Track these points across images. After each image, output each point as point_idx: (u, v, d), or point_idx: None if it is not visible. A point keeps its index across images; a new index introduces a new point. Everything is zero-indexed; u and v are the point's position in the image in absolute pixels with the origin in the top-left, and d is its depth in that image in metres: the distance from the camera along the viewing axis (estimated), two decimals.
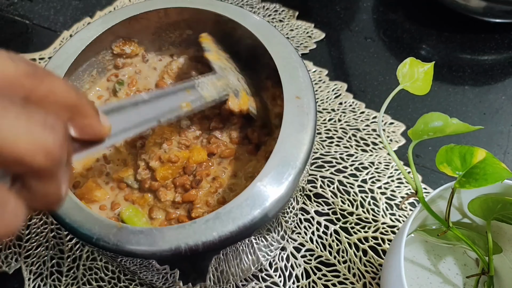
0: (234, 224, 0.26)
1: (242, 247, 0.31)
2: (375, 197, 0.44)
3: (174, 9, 0.35)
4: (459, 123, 0.28)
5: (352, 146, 0.47)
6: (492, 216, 0.33)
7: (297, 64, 0.31)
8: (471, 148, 0.30)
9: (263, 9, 0.60)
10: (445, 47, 0.55)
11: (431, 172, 0.45)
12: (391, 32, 0.57)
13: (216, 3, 0.34)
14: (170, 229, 0.26)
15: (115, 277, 0.41)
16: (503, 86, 0.51)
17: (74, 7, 0.62)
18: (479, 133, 0.47)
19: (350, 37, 0.57)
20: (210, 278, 0.34)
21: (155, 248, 0.25)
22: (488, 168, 0.29)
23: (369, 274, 0.40)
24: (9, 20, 0.61)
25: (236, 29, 0.34)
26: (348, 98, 0.51)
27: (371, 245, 0.41)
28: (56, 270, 0.41)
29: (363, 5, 0.60)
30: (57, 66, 0.32)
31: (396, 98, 0.49)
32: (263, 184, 0.27)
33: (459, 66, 0.53)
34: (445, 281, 0.37)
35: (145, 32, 0.37)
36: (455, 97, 0.50)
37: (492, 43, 0.55)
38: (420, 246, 0.38)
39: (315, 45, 0.56)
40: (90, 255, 0.42)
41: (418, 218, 0.36)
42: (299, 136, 0.28)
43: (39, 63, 0.56)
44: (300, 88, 0.30)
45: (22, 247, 0.43)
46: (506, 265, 0.37)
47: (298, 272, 0.41)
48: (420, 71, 0.31)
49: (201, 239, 0.25)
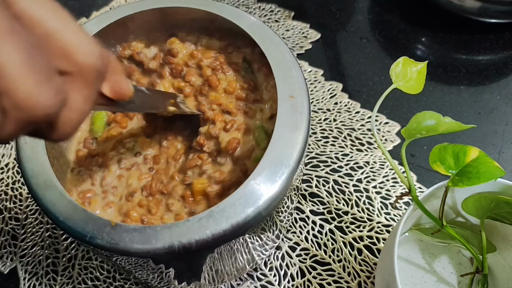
0: (227, 222, 0.26)
1: (237, 246, 0.31)
2: (370, 197, 0.44)
3: (170, 9, 0.35)
4: (451, 121, 0.28)
5: (347, 146, 0.47)
6: (486, 215, 0.33)
7: (291, 63, 0.31)
8: (464, 147, 0.30)
9: (259, 9, 0.60)
10: (440, 47, 0.55)
11: (426, 172, 0.45)
12: (386, 32, 0.57)
13: (212, 3, 0.34)
14: (163, 227, 0.26)
15: (110, 276, 0.41)
16: (497, 86, 0.51)
17: (70, 7, 0.62)
18: (474, 132, 0.48)
19: (345, 38, 0.57)
20: (205, 277, 0.34)
21: (149, 246, 0.25)
22: (481, 167, 0.29)
23: (364, 273, 0.40)
24: None
25: (231, 29, 0.35)
26: (343, 98, 0.51)
27: (366, 244, 0.41)
28: (52, 270, 0.41)
29: (358, 5, 0.60)
30: None
31: (391, 98, 0.50)
32: (256, 182, 0.27)
33: (454, 66, 0.53)
34: (440, 280, 0.37)
35: (140, 31, 0.37)
36: (450, 96, 0.51)
37: (487, 43, 0.55)
38: (415, 245, 0.39)
39: (310, 45, 0.56)
40: (85, 254, 0.42)
41: (412, 217, 0.36)
42: (292, 135, 0.28)
43: None
44: (294, 88, 0.30)
45: (18, 246, 0.43)
46: (500, 264, 0.37)
47: (293, 271, 0.41)
48: (413, 71, 0.31)
49: (194, 237, 0.25)
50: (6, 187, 0.47)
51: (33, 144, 0.29)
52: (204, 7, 0.34)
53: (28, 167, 0.28)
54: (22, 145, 0.29)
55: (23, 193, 0.46)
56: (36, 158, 0.28)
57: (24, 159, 0.28)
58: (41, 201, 0.27)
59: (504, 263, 0.37)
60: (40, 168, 0.28)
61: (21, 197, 0.46)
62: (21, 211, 0.45)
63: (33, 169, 0.28)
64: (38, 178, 0.28)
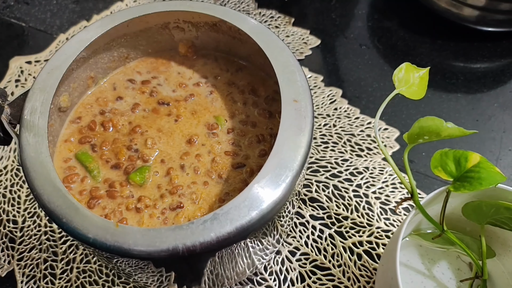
0: (231, 225, 0.26)
1: (238, 251, 0.31)
2: (369, 202, 0.44)
3: (174, 13, 0.35)
4: (454, 127, 0.29)
5: (347, 151, 0.48)
6: (486, 220, 0.33)
7: (294, 68, 0.32)
8: (465, 153, 0.31)
9: (259, 15, 0.60)
10: (438, 55, 0.56)
11: (424, 178, 0.46)
12: (385, 39, 0.57)
13: (216, 8, 0.34)
14: (167, 229, 0.26)
15: (109, 280, 0.41)
16: (495, 93, 0.52)
17: (71, 11, 0.62)
18: (472, 139, 0.48)
19: (345, 44, 0.57)
20: (205, 281, 0.34)
21: (153, 248, 0.25)
22: (483, 172, 0.29)
23: (364, 278, 0.40)
24: (5, 23, 0.61)
25: (235, 34, 0.35)
26: (343, 103, 0.51)
27: (365, 249, 0.42)
28: (50, 273, 0.41)
29: (358, 12, 0.61)
30: (56, 67, 0.32)
31: (390, 104, 0.50)
32: (260, 185, 0.27)
33: (452, 73, 0.54)
34: (439, 285, 0.37)
35: (144, 34, 0.37)
36: (449, 103, 0.51)
37: (485, 51, 0.55)
38: (414, 250, 0.39)
39: (310, 51, 0.56)
40: (84, 257, 0.42)
41: (412, 222, 0.36)
42: (297, 138, 0.28)
43: (34, 65, 0.56)
44: (298, 92, 0.30)
45: (15, 249, 0.42)
46: (499, 269, 0.37)
47: (293, 276, 0.41)
48: (416, 76, 0.32)
49: (199, 239, 0.25)
50: (5, 189, 0.46)
51: (36, 145, 0.29)
52: (209, 11, 0.34)
53: (31, 168, 0.28)
54: (25, 146, 0.29)
55: (21, 195, 0.46)
56: (39, 159, 0.28)
57: (27, 160, 0.28)
58: (43, 202, 0.27)
59: (503, 268, 0.37)
60: (43, 169, 0.28)
61: (20, 199, 0.46)
62: (19, 214, 0.45)
63: (36, 170, 0.28)
64: (41, 179, 0.27)
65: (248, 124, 0.35)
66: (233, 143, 0.34)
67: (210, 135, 0.34)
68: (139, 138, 0.34)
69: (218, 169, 0.33)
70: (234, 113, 0.35)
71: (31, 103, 0.30)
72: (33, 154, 0.28)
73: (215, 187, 0.32)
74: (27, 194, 0.46)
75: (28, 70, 0.56)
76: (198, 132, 0.34)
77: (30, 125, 0.29)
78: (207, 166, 0.33)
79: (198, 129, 0.35)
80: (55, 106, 0.33)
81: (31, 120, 0.30)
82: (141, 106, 0.36)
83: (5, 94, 0.30)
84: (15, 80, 0.55)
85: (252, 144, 0.34)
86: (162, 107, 0.36)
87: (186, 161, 0.33)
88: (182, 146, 0.34)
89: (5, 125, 0.30)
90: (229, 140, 0.34)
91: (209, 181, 0.32)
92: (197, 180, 0.32)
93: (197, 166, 0.33)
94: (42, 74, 0.31)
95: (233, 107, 0.36)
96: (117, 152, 0.33)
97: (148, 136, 0.34)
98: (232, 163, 0.33)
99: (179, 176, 0.32)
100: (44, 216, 0.44)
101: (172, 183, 0.32)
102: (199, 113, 0.36)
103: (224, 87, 0.37)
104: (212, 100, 0.36)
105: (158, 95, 0.37)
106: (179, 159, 0.33)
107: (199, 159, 0.33)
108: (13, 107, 0.31)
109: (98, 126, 0.35)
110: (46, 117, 0.30)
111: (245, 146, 0.34)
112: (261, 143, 0.34)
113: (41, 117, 0.30)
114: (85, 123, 0.35)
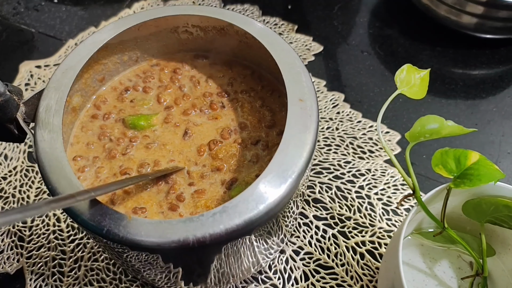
0: (240, 218, 0.27)
1: (243, 249, 0.32)
2: (371, 203, 0.45)
3: (183, 17, 0.37)
4: (454, 125, 0.30)
5: (349, 154, 0.49)
6: (486, 218, 0.34)
7: (300, 69, 0.33)
8: (465, 151, 0.32)
9: (263, 22, 0.62)
10: (438, 61, 0.57)
11: (425, 179, 0.47)
12: (386, 46, 0.59)
13: (224, 12, 0.36)
14: (179, 221, 0.26)
15: (116, 278, 0.41)
16: (494, 98, 0.53)
17: (80, 17, 0.63)
18: (472, 142, 0.49)
19: (347, 50, 0.59)
20: (211, 278, 0.35)
21: (164, 239, 0.26)
22: (482, 169, 0.30)
23: (366, 277, 0.41)
24: (15, 29, 0.62)
25: (242, 37, 0.36)
26: (345, 108, 0.52)
27: (368, 249, 0.42)
28: (58, 271, 0.42)
29: (359, 20, 0.62)
30: (70, 67, 0.33)
31: (391, 108, 0.51)
32: (268, 180, 0.28)
33: (451, 79, 0.55)
34: (440, 284, 0.38)
35: (154, 38, 0.38)
36: (448, 108, 0.52)
37: (483, 58, 0.57)
38: (416, 250, 0.40)
39: (313, 57, 0.58)
40: (91, 256, 0.42)
41: (414, 221, 0.37)
42: (302, 136, 0.30)
43: (44, 69, 0.57)
44: (303, 92, 0.32)
45: (24, 248, 0.43)
46: (499, 268, 0.38)
47: (297, 275, 0.41)
48: (417, 77, 0.33)
49: (209, 231, 0.26)
50: (14, 189, 0.47)
51: (51, 141, 0.30)
52: (217, 15, 0.36)
53: (46, 163, 0.29)
54: (40, 142, 0.30)
55: (30, 195, 0.47)
56: (54, 155, 0.29)
57: (42, 156, 0.29)
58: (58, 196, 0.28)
59: (503, 267, 0.38)
60: (58, 164, 0.29)
61: (29, 199, 0.46)
62: None
63: (51, 165, 0.29)
64: (55, 174, 0.28)
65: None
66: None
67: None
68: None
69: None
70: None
71: (46, 101, 0.31)
72: (48, 150, 0.29)
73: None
74: (36, 194, 0.47)
75: (37, 74, 0.57)
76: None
77: (45, 122, 0.30)
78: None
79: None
80: (68, 105, 0.34)
81: (46, 117, 0.31)
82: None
83: (21, 92, 0.31)
84: (25, 84, 0.56)
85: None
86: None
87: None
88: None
89: (20, 122, 0.31)
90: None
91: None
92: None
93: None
94: (57, 73, 0.33)
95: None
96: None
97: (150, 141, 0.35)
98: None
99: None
100: (52, 216, 0.45)
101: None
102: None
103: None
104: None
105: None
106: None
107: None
108: (27, 105, 0.32)
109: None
110: (60, 115, 0.31)
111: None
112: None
113: (55, 115, 0.31)
114: (95, 124, 0.36)
